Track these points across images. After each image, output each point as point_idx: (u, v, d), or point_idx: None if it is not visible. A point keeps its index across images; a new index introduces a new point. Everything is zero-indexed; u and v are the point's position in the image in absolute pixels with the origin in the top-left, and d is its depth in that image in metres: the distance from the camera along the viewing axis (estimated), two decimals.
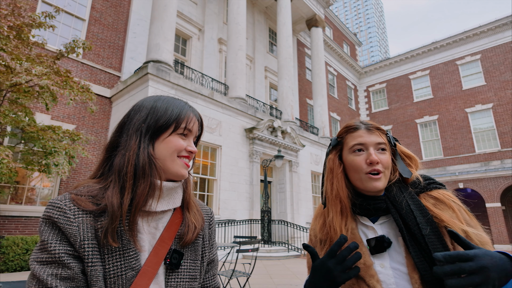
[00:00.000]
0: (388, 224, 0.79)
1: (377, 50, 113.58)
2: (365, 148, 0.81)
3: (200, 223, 0.78)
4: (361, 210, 0.81)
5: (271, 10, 16.69)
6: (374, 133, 0.82)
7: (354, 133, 0.84)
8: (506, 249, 13.32)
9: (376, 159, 0.78)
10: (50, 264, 0.57)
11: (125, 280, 0.61)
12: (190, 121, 0.74)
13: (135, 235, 0.65)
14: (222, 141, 9.93)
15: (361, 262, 0.75)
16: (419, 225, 0.72)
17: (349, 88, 24.25)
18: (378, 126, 0.84)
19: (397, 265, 0.74)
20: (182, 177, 0.73)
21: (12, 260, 6.08)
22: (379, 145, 0.81)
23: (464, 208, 0.77)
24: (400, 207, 0.76)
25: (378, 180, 0.78)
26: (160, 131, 0.71)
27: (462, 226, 0.71)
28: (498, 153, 17.46)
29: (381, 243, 0.75)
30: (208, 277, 0.82)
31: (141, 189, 0.65)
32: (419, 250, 0.70)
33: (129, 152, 0.67)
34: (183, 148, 0.72)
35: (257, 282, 5.47)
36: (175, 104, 0.75)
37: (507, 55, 18.47)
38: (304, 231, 10.98)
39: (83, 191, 0.64)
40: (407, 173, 0.80)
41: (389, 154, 0.82)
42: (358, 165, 0.80)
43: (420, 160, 19.71)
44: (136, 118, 0.72)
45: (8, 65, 4.38)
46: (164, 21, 8.95)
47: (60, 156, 4.95)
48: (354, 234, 0.80)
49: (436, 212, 0.74)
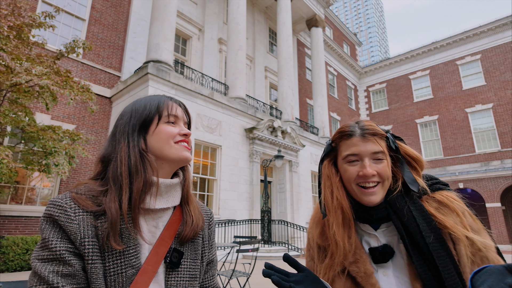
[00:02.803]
0: (390, 230, 0.76)
1: (377, 50, 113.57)
2: (360, 158, 0.75)
3: (200, 221, 0.78)
4: (362, 218, 0.77)
5: (271, 10, 16.69)
6: (369, 140, 0.75)
7: (348, 140, 0.77)
8: (506, 249, 13.32)
9: (370, 172, 0.72)
10: (51, 261, 0.58)
11: (125, 278, 0.62)
12: (171, 107, 0.76)
13: (136, 233, 0.65)
14: (222, 141, 9.92)
15: (361, 270, 0.72)
16: (422, 233, 0.69)
17: (349, 88, 24.25)
18: (375, 131, 0.76)
19: (400, 274, 0.71)
20: (186, 159, 0.74)
21: (12, 260, 6.07)
22: (375, 155, 0.74)
23: (468, 211, 0.74)
24: (401, 214, 0.72)
25: (373, 194, 0.73)
26: (146, 125, 0.73)
27: (466, 233, 0.68)
28: (498, 153, 17.46)
29: (383, 254, 0.72)
30: (208, 277, 0.82)
31: (137, 185, 0.66)
32: (422, 259, 0.68)
33: (120, 154, 0.68)
34: (176, 133, 0.74)
35: (257, 282, 5.47)
36: (152, 99, 0.77)
37: (507, 55, 18.47)
38: (304, 231, 10.98)
39: (83, 190, 0.65)
40: (413, 184, 0.73)
41: (387, 161, 0.75)
42: (351, 176, 0.75)
43: None
44: (120, 123, 0.74)
45: (8, 65, 4.38)
46: (164, 21, 8.95)
47: (60, 156, 4.95)
48: (355, 241, 0.76)
49: (439, 218, 0.70)
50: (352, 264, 0.74)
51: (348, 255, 0.74)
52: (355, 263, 0.73)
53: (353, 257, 0.74)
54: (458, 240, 0.67)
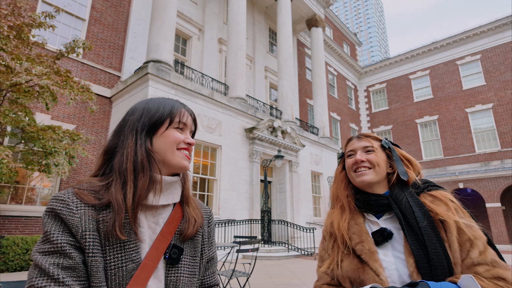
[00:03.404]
0: (391, 219, 0.90)
1: (377, 50, 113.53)
2: (355, 152, 0.98)
3: (200, 218, 0.80)
4: (367, 207, 0.93)
5: (271, 10, 16.69)
6: (362, 139, 0.99)
7: (349, 143, 1.03)
8: (506, 249, 13.32)
9: (359, 158, 0.94)
10: (52, 254, 0.58)
11: (125, 272, 0.63)
12: (183, 115, 0.78)
13: (137, 227, 0.67)
14: (222, 141, 9.92)
15: (365, 248, 0.85)
16: (417, 218, 0.82)
17: (349, 88, 24.24)
18: (368, 134, 1.01)
19: (397, 253, 0.83)
20: (184, 168, 0.76)
21: (12, 260, 6.07)
22: (365, 148, 0.96)
23: (460, 207, 0.86)
24: (400, 203, 0.87)
25: (364, 175, 0.92)
26: (156, 127, 0.74)
27: (455, 218, 0.80)
28: (498, 153, 17.46)
29: (382, 233, 0.85)
30: (208, 275, 0.84)
31: (142, 183, 0.67)
32: (416, 240, 0.80)
33: (127, 149, 0.70)
34: (182, 140, 0.76)
35: (257, 282, 5.47)
36: (166, 102, 0.79)
37: (507, 55, 18.47)
38: (304, 231, 10.98)
39: (85, 186, 0.67)
40: (403, 174, 0.92)
41: (378, 154, 0.95)
42: (349, 165, 0.98)
43: (420, 160, 19.86)
44: (130, 119, 0.75)
45: (8, 65, 4.37)
46: (164, 21, 8.95)
47: (60, 156, 4.95)
48: (361, 227, 0.91)
49: (432, 207, 0.84)
50: (358, 244, 0.87)
51: (342, 230, 0.92)
52: (361, 243, 0.87)
53: (359, 238, 0.88)
54: (449, 227, 0.79)
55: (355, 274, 0.84)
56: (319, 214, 14.21)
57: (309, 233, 11.08)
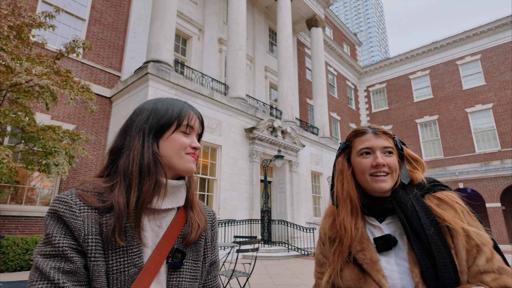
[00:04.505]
0: (394, 224, 0.84)
1: (377, 50, 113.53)
2: (372, 152, 0.85)
3: (203, 222, 0.78)
4: (369, 211, 0.85)
5: (271, 10, 16.69)
6: (381, 137, 0.86)
7: (362, 137, 0.88)
8: (506, 249, 13.32)
9: (382, 162, 0.82)
10: (54, 257, 0.57)
11: (127, 276, 0.62)
12: (192, 118, 0.76)
13: (141, 231, 0.65)
14: (222, 141, 9.93)
15: (367, 257, 0.80)
16: (423, 226, 0.76)
17: (349, 88, 24.24)
18: (385, 130, 0.88)
19: (401, 261, 0.78)
20: (191, 171, 0.75)
21: (12, 260, 6.07)
22: (385, 149, 0.85)
23: (467, 210, 0.80)
24: (405, 207, 0.80)
25: (384, 181, 0.82)
26: (163, 130, 0.72)
27: (463, 225, 0.75)
28: (498, 153, 17.46)
29: (387, 241, 0.80)
30: (210, 278, 0.82)
31: (147, 186, 0.66)
32: (422, 249, 0.74)
33: (133, 152, 0.68)
34: (187, 145, 0.74)
35: (257, 282, 5.47)
36: (175, 104, 0.77)
37: (507, 55, 18.47)
38: (304, 231, 10.98)
39: (89, 188, 0.65)
40: (405, 178, 0.85)
41: (395, 157, 0.86)
42: (365, 167, 0.85)
43: None
44: (138, 120, 0.73)
45: (8, 65, 4.37)
46: (164, 21, 8.95)
47: (60, 156, 4.95)
48: (362, 232, 0.84)
49: (439, 212, 0.78)
50: (359, 252, 0.82)
51: (355, 239, 0.83)
52: (362, 251, 0.81)
53: (360, 245, 0.82)
54: (456, 233, 0.74)
55: (356, 284, 0.80)
56: (319, 214, 14.21)
57: (309, 233, 11.09)
